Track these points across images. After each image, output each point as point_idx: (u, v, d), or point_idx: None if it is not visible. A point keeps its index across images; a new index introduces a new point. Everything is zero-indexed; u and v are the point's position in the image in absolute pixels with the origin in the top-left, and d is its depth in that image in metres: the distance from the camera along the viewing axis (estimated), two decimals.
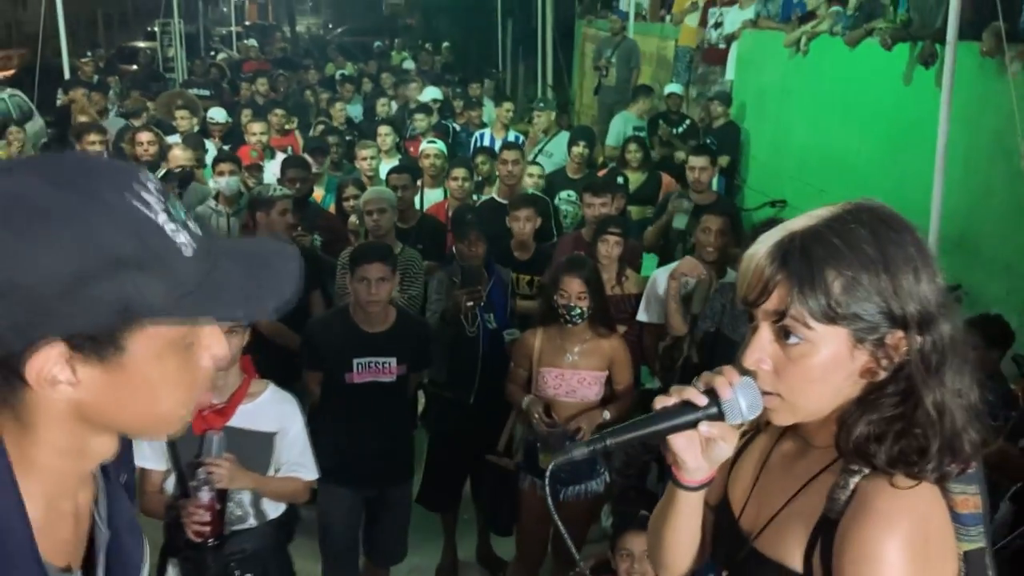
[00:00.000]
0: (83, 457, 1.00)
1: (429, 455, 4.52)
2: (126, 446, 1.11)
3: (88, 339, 0.89)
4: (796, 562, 1.29)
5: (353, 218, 5.69)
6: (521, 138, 8.64)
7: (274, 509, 3.15)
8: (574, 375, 3.84)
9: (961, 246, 5.77)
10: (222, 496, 2.96)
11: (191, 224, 0.96)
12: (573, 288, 3.77)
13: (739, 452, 1.48)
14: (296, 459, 3.15)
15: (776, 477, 1.40)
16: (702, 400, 1.27)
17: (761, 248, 1.28)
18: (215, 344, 1.01)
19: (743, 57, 9.44)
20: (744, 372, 1.28)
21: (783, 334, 1.25)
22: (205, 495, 2.89)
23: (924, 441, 1.22)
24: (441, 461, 4.45)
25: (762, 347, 1.27)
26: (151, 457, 3.03)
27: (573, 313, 3.78)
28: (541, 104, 9.27)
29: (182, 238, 0.93)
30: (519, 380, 3.98)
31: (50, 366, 0.89)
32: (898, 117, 6.56)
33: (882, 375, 1.25)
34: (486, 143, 8.35)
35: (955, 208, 5.37)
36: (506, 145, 6.81)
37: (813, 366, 1.24)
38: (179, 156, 6.38)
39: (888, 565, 1.18)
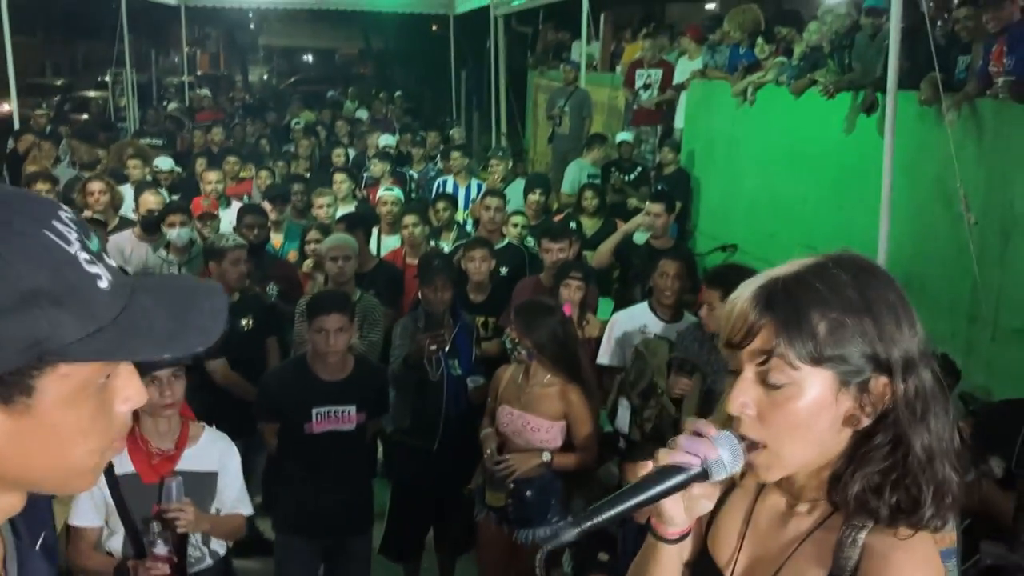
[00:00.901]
0: None
1: (392, 504, 4.47)
2: (43, 503, 1.03)
3: None
4: None
5: (308, 262, 5.67)
6: (482, 186, 8.74)
7: (221, 546, 3.24)
8: (521, 417, 3.80)
9: (907, 287, 5.78)
10: (181, 544, 2.95)
11: (107, 258, 0.89)
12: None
13: (716, 508, 1.44)
14: (236, 496, 3.23)
15: (766, 535, 1.39)
16: (691, 460, 1.26)
17: (745, 291, 1.29)
18: (131, 388, 0.93)
19: (692, 106, 9.65)
20: (723, 425, 1.28)
21: (767, 378, 1.25)
22: (162, 548, 2.87)
23: (918, 490, 1.22)
24: (404, 510, 4.41)
25: (746, 391, 1.27)
26: (86, 513, 2.97)
27: (520, 351, 3.79)
28: (499, 153, 9.38)
29: (98, 271, 0.86)
30: (490, 412, 3.99)
31: None
32: (843, 163, 6.75)
33: (865, 422, 1.25)
34: (448, 190, 8.43)
35: (900, 251, 5.53)
36: (489, 192, 6.94)
37: (798, 409, 1.24)
38: (149, 201, 6.34)
39: None
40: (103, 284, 0.86)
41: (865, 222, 5.37)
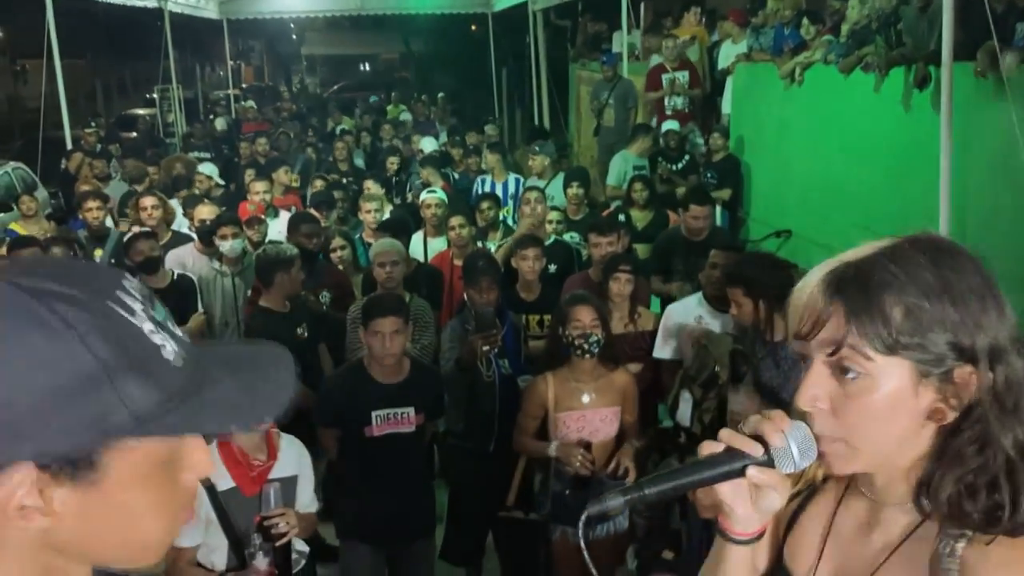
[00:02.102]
0: None
1: (451, 508, 4.46)
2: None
3: (62, 460, 0.79)
4: None
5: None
6: (521, 181, 8.71)
7: (304, 546, 3.38)
8: (595, 414, 3.81)
9: None
10: (285, 550, 3.06)
11: (175, 329, 0.88)
12: (586, 317, 3.75)
13: (795, 515, 1.38)
14: (311, 496, 3.38)
15: (849, 545, 1.29)
16: (752, 447, 1.19)
17: (813, 278, 1.20)
18: (198, 459, 0.91)
19: (738, 91, 9.50)
20: (796, 417, 1.20)
21: (840, 369, 1.16)
22: (262, 561, 3.00)
23: (1013, 489, 1.12)
24: (464, 513, 4.39)
25: (817, 384, 1.17)
26: (187, 533, 3.02)
27: (591, 341, 3.74)
28: (536, 148, 9.33)
29: (165, 343, 0.85)
30: (529, 430, 3.92)
31: (20, 493, 0.79)
32: (898, 142, 6.57)
33: (951, 416, 1.14)
34: (487, 189, 8.41)
35: (962, 231, 5.36)
36: (528, 187, 6.91)
37: (874, 402, 1.14)
38: (203, 211, 6.42)
39: None
40: (168, 355, 0.84)
41: (924, 201, 5.21)
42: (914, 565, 1.19)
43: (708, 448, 1.22)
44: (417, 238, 6.58)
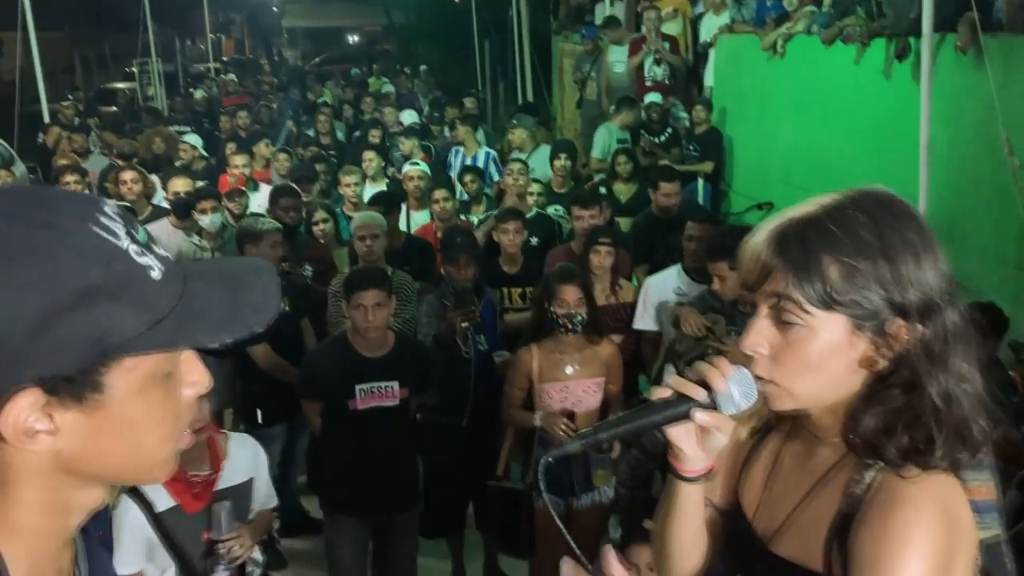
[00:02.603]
0: (69, 513, 0.92)
1: (426, 484, 4.40)
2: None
3: (64, 381, 0.82)
4: (817, 562, 1.27)
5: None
6: (493, 154, 8.70)
7: (256, 552, 3.17)
8: (578, 385, 3.85)
9: (951, 237, 5.78)
10: (241, 570, 2.94)
11: (156, 248, 0.90)
12: (571, 296, 3.77)
13: (749, 456, 1.47)
14: (267, 492, 3.24)
15: (787, 477, 1.38)
16: (696, 391, 1.26)
17: (760, 234, 1.27)
18: (196, 373, 0.95)
19: (721, 63, 9.48)
20: (738, 363, 1.27)
21: (782, 319, 1.24)
22: (223, 574, 2.87)
23: (932, 431, 1.20)
24: (440, 490, 4.34)
25: (760, 331, 1.26)
26: (127, 559, 2.86)
27: (575, 321, 3.78)
28: (514, 122, 9.28)
29: (148, 261, 0.87)
30: (516, 401, 3.95)
31: (26, 416, 0.82)
32: (879, 113, 6.59)
33: (882, 365, 1.23)
34: (458, 161, 8.41)
35: (942, 199, 5.40)
36: (513, 159, 6.90)
37: (811, 352, 1.23)
38: (176, 184, 6.35)
39: (911, 546, 1.16)
40: (155, 274, 0.87)
41: (904, 172, 5.24)
42: (837, 492, 1.28)
43: (657, 393, 1.30)
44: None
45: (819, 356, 1.22)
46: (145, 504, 2.85)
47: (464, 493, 4.40)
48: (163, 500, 2.89)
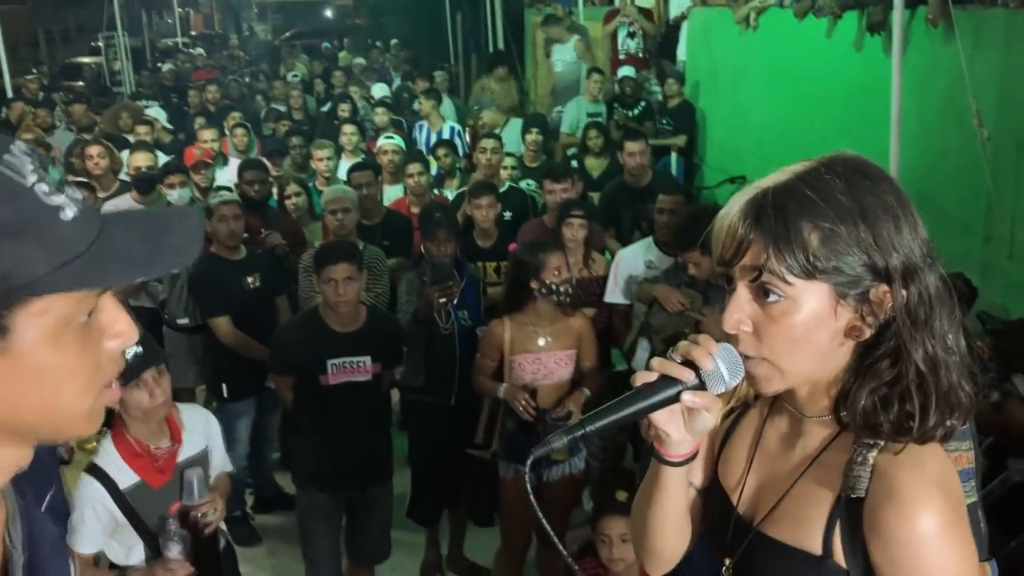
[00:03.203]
0: None
1: (415, 466, 4.40)
2: (48, 461, 1.02)
3: None
4: (813, 544, 1.24)
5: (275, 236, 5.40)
6: (458, 128, 8.65)
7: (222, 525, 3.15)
8: (550, 357, 3.84)
9: (921, 209, 5.67)
10: (213, 538, 2.91)
11: (70, 189, 0.86)
12: (561, 262, 3.80)
13: (727, 433, 1.44)
14: (221, 458, 3.22)
15: (774, 457, 1.35)
16: (683, 373, 1.23)
17: (734, 206, 1.24)
18: (120, 323, 0.90)
19: (693, 37, 9.46)
20: (722, 339, 1.24)
21: (762, 293, 1.20)
22: (175, 550, 2.80)
23: (924, 398, 1.18)
24: (429, 471, 4.30)
25: (741, 308, 1.22)
26: (87, 538, 2.82)
27: (573, 285, 3.83)
28: (476, 108, 9.10)
29: (61, 201, 0.83)
30: (487, 370, 3.93)
31: None
32: (851, 85, 6.60)
33: (868, 333, 1.20)
34: (426, 135, 8.36)
35: (912, 172, 5.43)
36: (486, 135, 6.88)
37: (795, 324, 1.19)
38: (138, 159, 6.24)
39: (935, 545, 1.15)
40: (68, 214, 0.83)
41: (875, 144, 5.26)
42: (831, 473, 1.25)
43: (642, 378, 1.26)
44: None
45: (804, 328, 1.19)
46: (107, 482, 2.81)
47: (453, 474, 4.27)
48: (126, 477, 2.85)
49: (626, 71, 9.28)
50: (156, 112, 8.87)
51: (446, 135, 8.44)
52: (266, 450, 5.27)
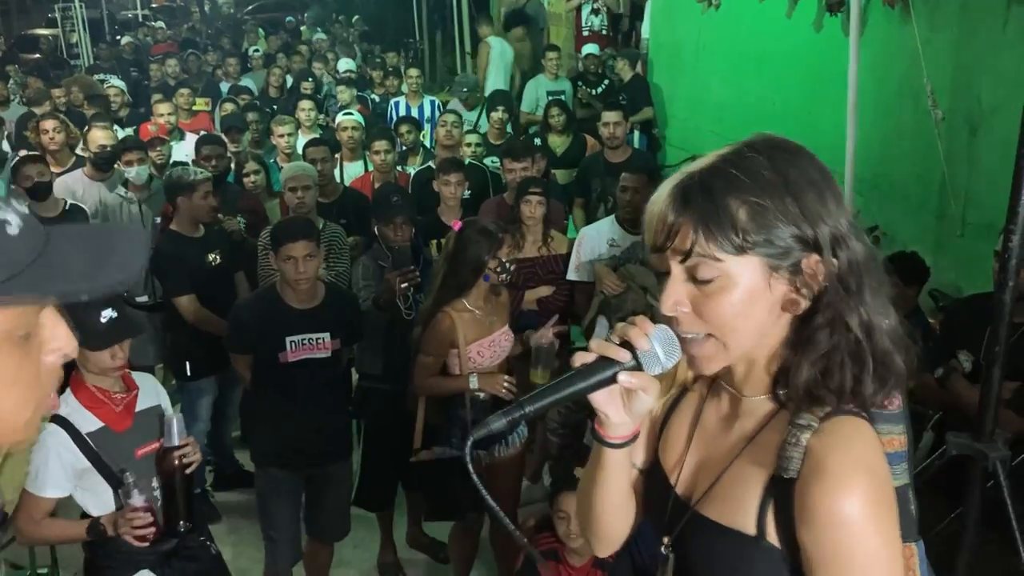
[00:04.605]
0: None
1: (366, 454, 4.33)
2: None
3: None
4: (747, 524, 1.26)
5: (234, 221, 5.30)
6: (437, 102, 8.58)
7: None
8: (501, 336, 3.77)
9: (876, 187, 5.92)
10: (188, 482, 2.95)
11: (15, 203, 0.86)
12: (510, 242, 3.76)
13: (668, 415, 1.45)
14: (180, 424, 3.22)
15: (712, 439, 1.37)
16: (620, 353, 1.25)
17: (662, 192, 1.25)
18: (60, 338, 0.91)
19: (657, 15, 9.47)
20: (655, 310, 1.26)
21: (696, 275, 1.22)
22: (138, 499, 2.85)
23: (860, 367, 1.21)
24: (379, 459, 4.22)
25: (677, 291, 1.24)
26: (50, 482, 2.86)
27: (511, 267, 3.76)
28: (464, 90, 8.92)
29: (5, 215, 0.83)
30: (432, 370, 3.71)
31: None
32: (810, 65, 6.67)
33: (804, 305, 1.22)
34: (401, 112, 8.29)
35: (868, 151, 5.51)
36: (447, 110, 6.83)
37: (732, 300, 1.21)
38: (98, 136, 6.14)
39: (858, 527, 1.16)
40: (12, 230, 0.82)
41: (833, 123, 5.33)
42: (766, 453, 1.27)
43: (580, 359, 1.28)
44: None
45: (741, 303, 1.21)
46: (69, 428, 2.85)
47: (402, 462, 4.05)
48: (89, 423, 2.90)
49: (590, 48, 9.28)
50: (115, 80, 8.66)
51: (427, 111, 8.38)
52: (226, 427, 5.25)
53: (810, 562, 1.20)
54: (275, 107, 8.94)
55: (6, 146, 6.99)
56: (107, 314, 2.83)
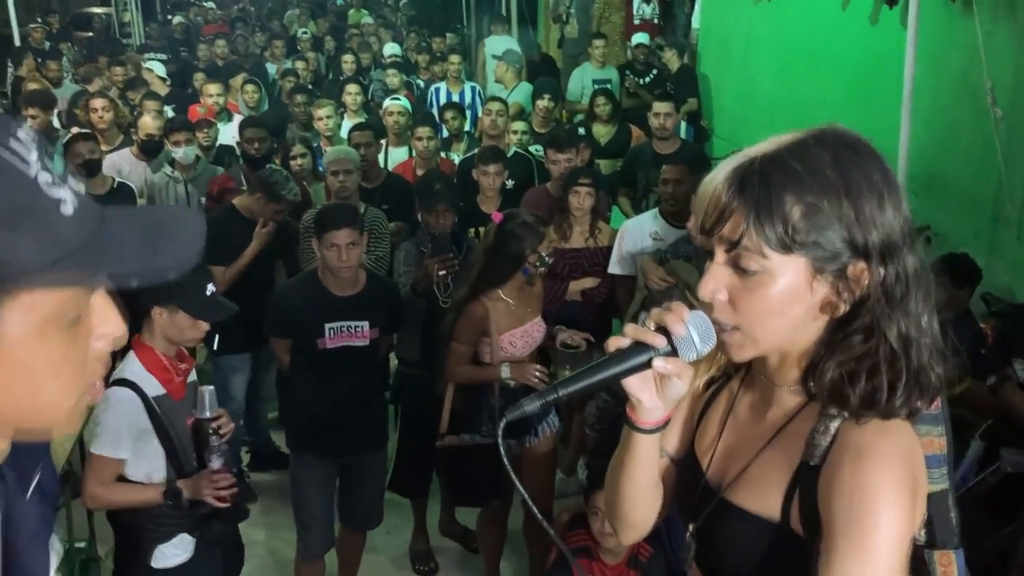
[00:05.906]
0: None
1: (402, 439, 4.34)
2: (36, 451, 1.01)
3: None
4: (773, 511, 1.25)
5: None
6: (478, 88, 8.54)
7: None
8: (533, 327, 3.74)
9: (929, 186, 5.77)
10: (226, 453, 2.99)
11: (72, 181, 0.82)
12: (545, 239, 3.72)
13: (706, 406, 1.44)
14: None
15: (743, 426, 1.36)
16: (655, 339, 1.23)
17: (720, 173, 1.22)
18: (109, 324, 0.88)
19: (708, 5, 9.33)
20: (695, 307, 1.24)
21: (739, 265, 1.20)
22: (218, 462, 2.91)
23: (893, 376, 1.18)
24: (416, 444, 4.20)
25: (717, 277, 1.22)
26: (116, 442, 2.88)
27: (549, 260, 3.74)
28: (506, 57, 9.08)
29: (61, 195, 0.79)
30: (464, 358, 3.70)
31: None
32: (864, 59, 6.51)
33: (843, 309, 1.20)
34: (442, 98, 8.25)
35: (922, 148, 5.36)
36: (491, 97, 6.78)
37: (770, 297, 1.19)
38: (148, 124, 6.19)
39: (884, 495, 1.14)
40: (67, 209, 0.79)
41: (886, 119, 5.19)
42: (796, 442, 1.26)
43: (615, 343, 1.26)
44: None
45: (779, 301, 1.19)
46: (137, 390, 2.88)
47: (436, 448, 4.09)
48: (153, 387, 2.94)
49: (640, 38, 9.17)
50: (155, 65, 8.72)
51: (468, 97, 8.35)
52: (262, 408, 5.28)
53: (826, 527, 1.17)
54: (311, 88, 8.95)
55: (57, 124, 7.07)
56: (211, 288, 2.95)
